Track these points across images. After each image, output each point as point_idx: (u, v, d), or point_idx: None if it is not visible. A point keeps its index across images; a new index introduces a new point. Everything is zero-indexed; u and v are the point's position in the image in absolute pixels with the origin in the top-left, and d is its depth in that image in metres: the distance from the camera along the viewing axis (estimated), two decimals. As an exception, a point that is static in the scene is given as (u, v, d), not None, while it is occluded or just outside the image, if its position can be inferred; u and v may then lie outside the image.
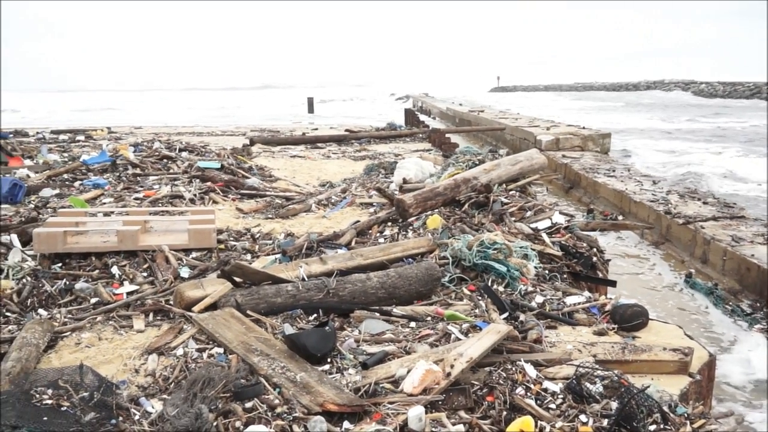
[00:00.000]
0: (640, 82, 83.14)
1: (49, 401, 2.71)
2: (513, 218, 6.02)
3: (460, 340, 3.63)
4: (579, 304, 4.34)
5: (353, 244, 5.73)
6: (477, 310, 4.14)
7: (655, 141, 23.65)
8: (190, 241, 5.37)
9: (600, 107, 47.98)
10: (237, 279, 4.28)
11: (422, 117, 28.27)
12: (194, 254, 5.32)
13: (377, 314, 4.04)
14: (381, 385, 3.07)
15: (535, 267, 4.81)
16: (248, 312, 3.92)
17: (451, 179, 6.95)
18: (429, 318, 4.03)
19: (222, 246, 5.62)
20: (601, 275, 5.30)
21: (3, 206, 7.58)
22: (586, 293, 4.64)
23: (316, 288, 4.18)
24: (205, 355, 3.46)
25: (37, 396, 2.74)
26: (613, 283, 5.08)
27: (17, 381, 3.02)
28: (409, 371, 3.11)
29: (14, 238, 5.13)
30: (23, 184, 8.14)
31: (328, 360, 3.36)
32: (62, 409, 2.67)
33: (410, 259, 5.02)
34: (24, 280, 4.51)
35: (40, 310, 4.25)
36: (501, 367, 3.22)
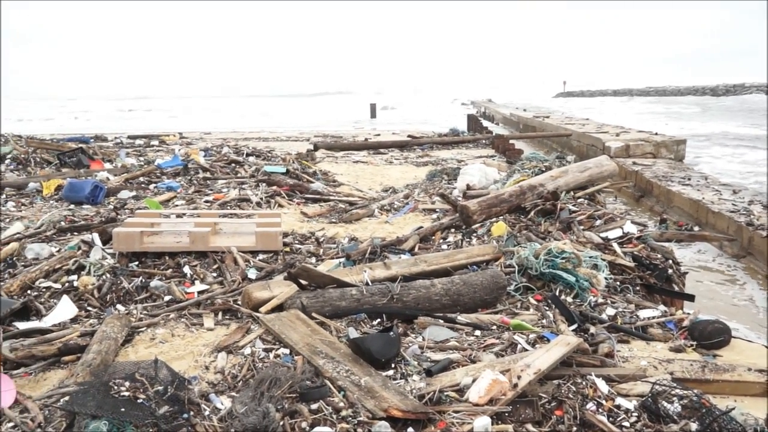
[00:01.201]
0: (717, 85, 79.24)
1: (127, 393, 2.82)
2: (582, 227, 5.85)
3: (526, 350, 3.54)
4: (653, 318, 4.15)
5: (416, 249, 5.72)
6: (544, 321, 4.03)
7: (734, 149, 22.45)
8: (257, 244, 5.49)
9: (674, 112, 46.04)
10: (303, 281, 4.35)
11: (485, 123, 27.96)
12: (261, 256, 5.44)
13: (441, 321, 4.00)
14: (445, 394, 3.03)
15: (606, 278, 4.64)
16: (313, 314, 3.97)
17: (517, 186, 6.83)
18: (494, 327, 3.95)
19: (287, 249, 5.72)
20: (677, 288, 5.06)
21: (85, 207, 8.01)
22: (661, 307, 4.44)
23: (380, 293, 4.18)
24: (271, 355, 3.52)
25: (116, 388, 2.85)
26: (691, 298, 4.83)
27: (97, 372, 3.17)
28: (474, 380, 3.06)
29: (95, 237, 5.41)
30: (103, 186, 8.58)
31: (392, 365, 3.34)
32: (138, 401, 2.77)
33: (474, 267, 4.95)
34: (104, 277, 4.74)
35: (119, 306, 4.46)
36: (570, 380, 3.13)
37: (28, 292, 4.55)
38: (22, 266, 5.02)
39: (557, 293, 4.39)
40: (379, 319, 4.04)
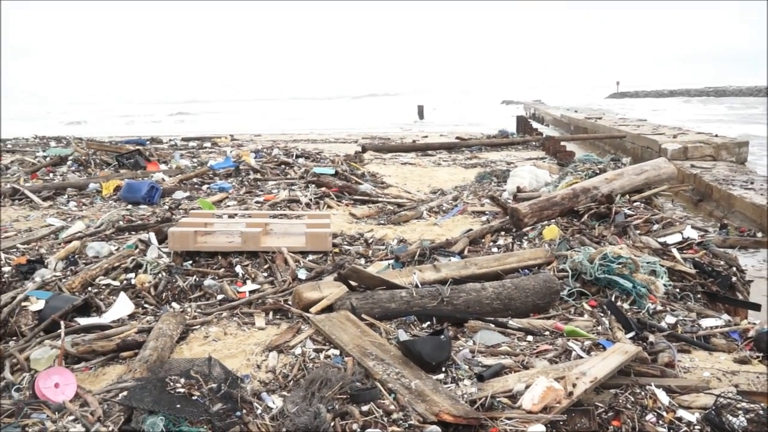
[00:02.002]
0: (782, 85, 75.39)
1: (182, 390, 2.87)
2: (638, 231, 5.66)
3: (581, 358, 3.44)
4: (716, 327, 3.97)
5: (466, 252, 5.65)
6: (599, 328, 3.91)
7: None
8: (307, 244, 5.54)
9: (735, 114, 44.15)
10: (352, 283, 4.35)
11: (535, 124, 27.50)
12: (311, 257, 5.48)
13: (492, 325, 3.93)
14: (498, 400, 2.97)
15: (665, 285, 4.46)
16: (363, 316, 3.97)
17: (569, 188, 6.67)
18: (547, 332, 3.86)
19: (337, 250, 5.75)
20: (741, 297, 4.83)
21: (142, 207, 8.27)
22: (725, 316, 4.24)
23: (429, 295, 4.15)
24: (321, 355, 3.54)
25: (171, 384, 2.92)
26: (757, 307, 4.60)
27: (154, 369, 3.24)
28: (527, 387, 2.99)
29: (152, 236, 5.57)
30: (159, 186, 8.84)
31: (443, 369, 3.30)
32: (193, 398, 2.82)
33: (526, 270, 4.86)
34: (160, 275, 4.87)
35: (173, 304, 4.57)
36: (628, 390, 3.02)
37: (89, 289, 4.71)
38: (83, 264, 5.21)
39: (613, 299, 4.25)
40: (428, 322, 4.01)
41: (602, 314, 4.11)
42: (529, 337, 3.80)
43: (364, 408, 2.87)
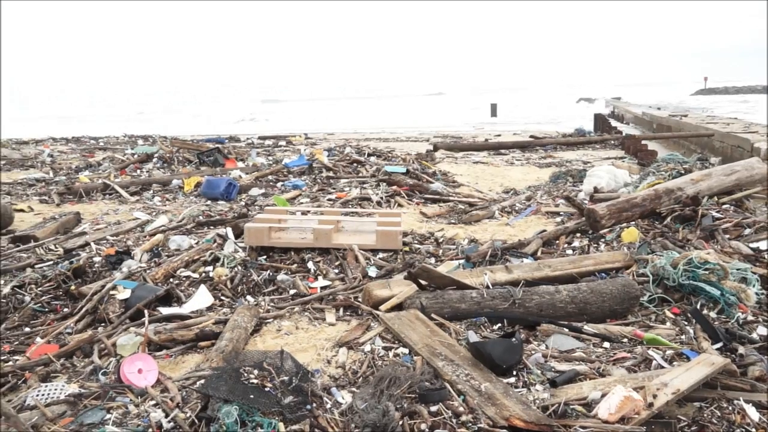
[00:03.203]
0: None
1: (255, 381, 2.95)
2: (727, 236, 5.31)
3: (663, 367, 3.27)
4: (815, 340, 3.66)
5: (539, 254, 5.50)
6: (683, 337, 3.70)
7: None
8: (377, 242, 5.57)
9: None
10: (422, 282, 4.33)
11: (614, 122, 26.48)
12: (381, 255, 5.51)
13: (566, 330, 3.81)
14: (571, 407, 2.87)
15: (757, 293, 4.17)
16: (432, 315, 3.94)
17: (651, 189, 6.36)
18: (625, 339, 3.69)
19: (407, 248, 5.75)
20: (843, 309, 4.43)
21: (220, 202, 8.60)
22: (826, 329, 3.91)
23: (501, 297, 4.07)
24: (391, 353, 3.54)
25: (245, 375, 3.00)
26: None
27: (229, 359, 3.36)
28: (603, 395, 2.87)
29: (229, 231, 5.77)
30: (236, 183, 9.16)
31: (514, 373, 3.23)
32: (266, 389, 2.89)
33: (603, 274, 4.67)
34: (236, 269, 5.03)
35: (248, 297, 4.71)
36: (714, 404, 2.85)
37: (171, 280, 4.93)
38: (166, 256, 5.46)
39: (698, 307, 4.02)
40: (499, 324, 3.93)
41: (686, 323, 3.89)
42: (606, 344, 3.65)
43: (433, 408, 2.84)
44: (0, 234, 7.08)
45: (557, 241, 5.86)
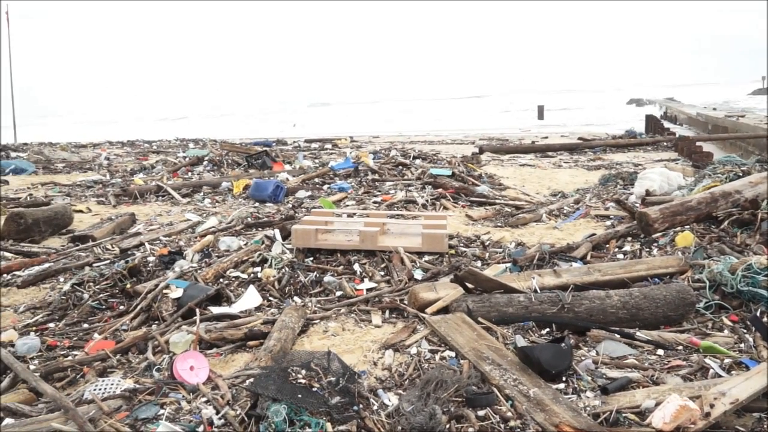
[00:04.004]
0: None
1: (303, 381, 2.99)
2: (790, 241, 5.08)
3: (720, 376, 3.15)
4: None
5: (589, 258, 5.39)
6: (742, 345, 3.56)
7: None
8: (423, 245, 5.56)
9: None
10: (468, 285, 4.30)
11: (666, 124, 25.70)
12: (427, 257, 5.49)
13: (618, 336, 3.71)
14: (624, 415, 2.80)
15: (823, 301, 3.97)
16: (479, 319, 3.91)
17: (707, 192, 6.13)
18: (680, 347, 3.57)
19: (453, 251, 5.72)
20: None
21: (268, 204, 8.75)
22: None
23: (549, 301, 4.00)
24: (437, 356, 3.53)
25: (293, 374, 3.04)
26: None
27: (277, 358, 3.41)
28: (657, 404, 2.78)
29: (277, 233, 5.86)
30: (283, 185, 9.30)
31: (563, 379, 3.17)
32: (313, 389, 2.92)
33: (656, 279, 4.54)
34: (283, 270, 5.10)
35: (295, 298, 4.77)
36: (777, 416, 2.71)
37: (220, 280, 5.04)
38: (216, 257, 5.59)
39: (758, 314, 3.85)
40: (548, 329, 3.86)
41: (745, 330, 3.74)
42: (660, 351, 3.54)
43: (480, 413, 2.82)
44: (61, 233, 7.40)
45: (607, 245, 5.73)
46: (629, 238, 5.87)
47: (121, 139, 24.35)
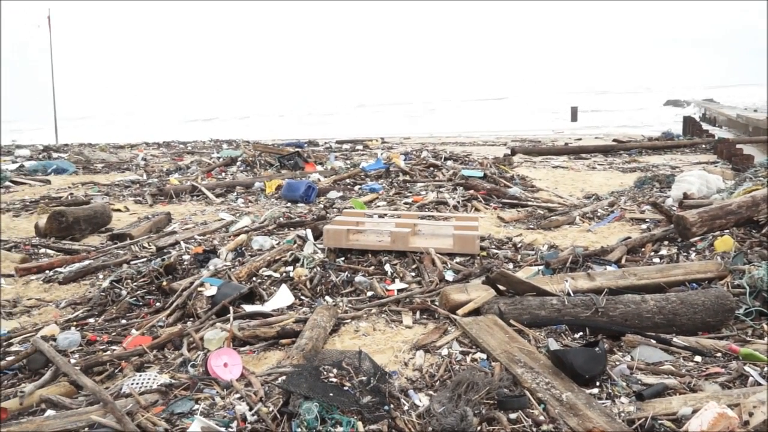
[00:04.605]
0: None
1: (334, 379, 3.01)
2: (836, 246, 4.91)
3: (760, 384, 3.06)
4: None
5: (623, 261, 5.29)
6: (784, 353, 3.45)
7: None
8: (454, 246, 5.54)
9: None
10: (500, 287, 4.27)
11: (705, 126, 25.06)
12: (458, 259, 5.47)
13: (653, 341, 3.64)
14: (659, 422, 2.74)
15: None
16: (511, 321, 3.88)
17: (748, 196, 5.96)
18: (719, 354, 3.49)
19: (484, 253, 5.68)
20: None
21: (300, 205, 8.83)
22: None
23: (583, 304, 3.94)
24: (468, 358, 3.51)
25: (324, 373, 3.07)
26: None
27: (309, 357, 3.44)
28: (694, 411, 2.72)
29: (309, 233, 5.91)
30: (315, 186, 9.38)
31: (597, 383, 3.12)
32: (344, 388, 2.94)
33: (694, 284, 4.43)
34: (315, 270, 5.15)
35: (327, 297, 4.81)
36: (821, 427, 2.62)
37: (253, 279, 5.11)
38: (249, 255, 5.67)
39: (802, 322, 3.73)
40: (581, 333, 3.81)
41: (787, 338, 3.62)
42: (697, 358, 3.46)
43: (512, 416, 2.79)
44: (100, 232, 7.60)
45: (643, 249, 5.62)
46: (666, 242, 5.75)
47: (157, 140, 24.88)
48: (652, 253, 5.51)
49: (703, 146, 15.51)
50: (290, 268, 5.24)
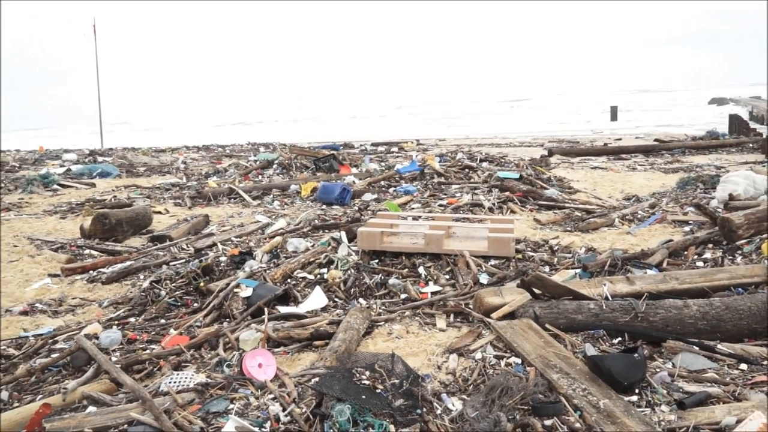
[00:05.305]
0: None
1: (367, 382, 3.00)
2: None
3: (811, 395, 2.93)
4: None
5: (665, 265, 5.15)
6: (837, 362, 3.29)
7: None
8: (489, 249, 5.48)
9: None
10: (536, 290, 4.20)
11: (753, 124, 24.22)
12: (493, 261, 5.41)
13: (696, 348, 3.52)
14: (701, 431, 2.65)
15: None
16: (546, 326, 3.81)
17: (798, 197, 5.74)
18: (765, 362, 3.35)
19: (520, 256, 5.61)
20: None
21: (334, 207, 8.88)
22: None
23: (621, 309, 3.85)
24: (502, 363, 3.46)
25: (357, 375, 3.07)
26: None
27: (342, 359, 3.44)
28: (739, 421, 2.63)
29: (343, 235, 5.93)
30: (350, 188, 9.42)
31: (636, 391, 3.04)
32: (377, 391, 2.93)
33: (739, 289, 4.28)
34: (349, 272, 5.16)
35: (360, 299, 4.82)
36: None
37: (288, 280, 5.16)
38: (284, 257, 5.73)
39: None
40: (619, 338, 3.72)
41: (840, 347, 3.46)
42: (743, 365, 3.33)
43: (547, 422, 2.74)
44: (141, 233, 7.79)
45: (686, 252, 5.46)
46: (710, 245, 5.58)
47: (196, 144, 25.41)
48: (696, 257, 5.34)
49: (751, 145, 14.99)
50: (324, 270, 5.27)
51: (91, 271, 6.11)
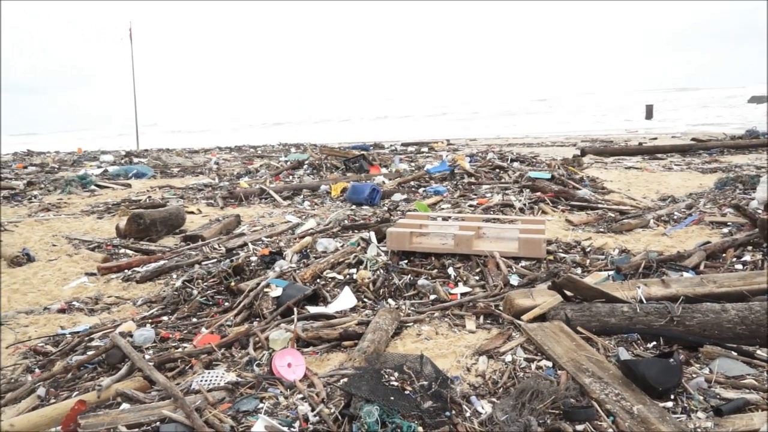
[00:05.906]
0: None
1: (395, 383, 3.00)
2: None
3: None
4: None
5: (702, 267, 5.01)
6: None
7: None
8: (519, 250, 5.42)
9: None
10: (567, 292, 4.14)
11: (794, 122, 23.43)
12: (523, 263, 5.35)
13: (734, 353, 3.41)
14: (740, 440, 2.57)
15: None
16: (578, 328, 3.74)
17: (844, 198, 5.53)
18: (808, 369, 3.23)
19: (551, 257, 5.53)
20: None
21: (364, 207, 8.90)
22: None
23: (656, 312, 3.75)
24: (533, 366, 3.41)
25: (386, 376, 3.06)
26: None
27: (371, 359, 3.44)
28: (780, 430, 2.53)
29: (372, 235, 5.94)
30: (379, 189, 9.42)
31: (671, 396, 2.96)
32: (405, 392, 2.92)
33: (781, 293, 4.13)
34: (378, 272, 5.16)
35: (390, 300, 4.81)
36: None
37: (317, 280, 5.18)
38: (313, 257, 5.76)
39: None
40: (654, 342, 3.63)
41: None
42: (784, 372, 3.22)
43: (579, 427, 2.69)
44: (174, 233, 7.93)
45: (724, 255, 5.30)
46: (750, 248, 5.41)
47: (229, 145, 25.78)
48: (734, 259, 5.19)
49: (793, 144, 14.51)
50: (353, 270, 5.28)
51: (126, 270, 6.25)
